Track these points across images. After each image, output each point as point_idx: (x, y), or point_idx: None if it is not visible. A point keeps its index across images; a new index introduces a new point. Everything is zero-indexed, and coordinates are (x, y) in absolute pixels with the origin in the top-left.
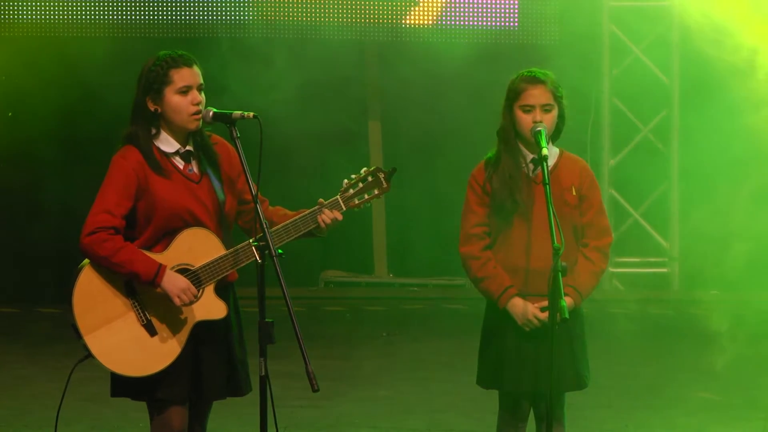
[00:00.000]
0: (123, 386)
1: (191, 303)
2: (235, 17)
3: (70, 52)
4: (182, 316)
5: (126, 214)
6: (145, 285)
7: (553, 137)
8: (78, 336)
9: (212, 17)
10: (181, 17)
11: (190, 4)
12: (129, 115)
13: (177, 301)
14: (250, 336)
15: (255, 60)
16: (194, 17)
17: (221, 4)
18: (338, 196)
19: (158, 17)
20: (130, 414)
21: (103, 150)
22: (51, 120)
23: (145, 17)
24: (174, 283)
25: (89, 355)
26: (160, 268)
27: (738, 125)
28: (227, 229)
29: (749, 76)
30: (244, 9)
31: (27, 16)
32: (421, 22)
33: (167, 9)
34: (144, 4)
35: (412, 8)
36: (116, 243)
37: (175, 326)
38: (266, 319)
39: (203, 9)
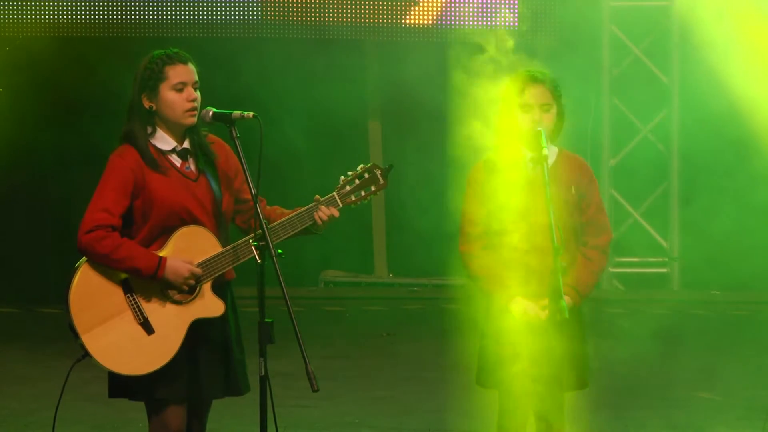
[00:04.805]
0: (120, 387)
1: (196, 284)
2: (236, 17)
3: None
4: (179, 315)
5: (123, 213)
6: (146, 280)
7: (552, 136)
8: (75, 335)
9: (218, 16)
10: (182, 17)
11: (191, 4)
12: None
13: (185, 288)
14: (250, 336)
15: (255, 60)
16: (196, 17)
17: (227, 4)
18: (335, 193)
19: (159, 17)
20: (130, 414)
21: (103, 149)
22: (50, 120)
23: (146, 17)
24: (176, 273)
25: (86, 354)
26: (161, 261)
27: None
28: (224, 227)
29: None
30: (245, 9)
31: (26, 16)
32: (421, 22)
33: (168, 8)
34: (144, 4)
35: (412, 8)
36: (115, 240)
37: (172, 324)
38: (266, 319)
39: (206, 8)
